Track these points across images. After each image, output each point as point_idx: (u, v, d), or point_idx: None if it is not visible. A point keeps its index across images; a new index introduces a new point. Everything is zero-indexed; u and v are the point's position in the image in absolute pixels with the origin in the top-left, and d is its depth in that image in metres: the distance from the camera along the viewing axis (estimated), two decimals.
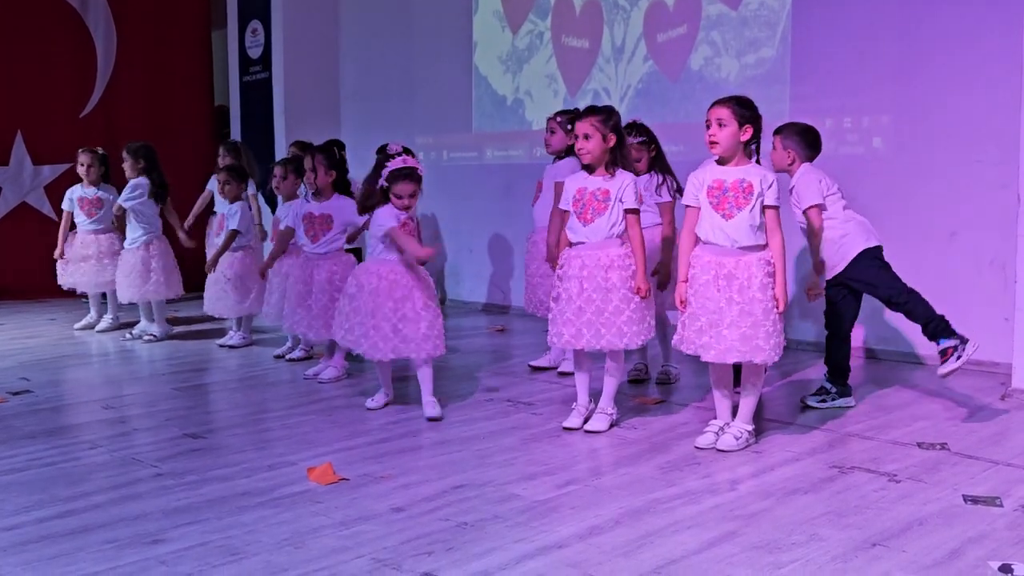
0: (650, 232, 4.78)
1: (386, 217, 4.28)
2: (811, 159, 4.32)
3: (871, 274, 4.26)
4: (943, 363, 4.06)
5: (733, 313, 3.65)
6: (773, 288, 3.66)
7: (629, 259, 3.97)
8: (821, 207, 4.22)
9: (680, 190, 4.76)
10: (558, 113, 5.31)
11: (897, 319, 5.46)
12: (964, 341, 4.06)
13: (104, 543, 2.82)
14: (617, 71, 6.97)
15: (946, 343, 4.07)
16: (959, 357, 4.03)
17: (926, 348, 5.46)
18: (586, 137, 3.98)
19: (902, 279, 4.25)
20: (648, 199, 4.72)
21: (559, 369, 5.28)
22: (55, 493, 3.29)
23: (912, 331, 5.50)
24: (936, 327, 4.12)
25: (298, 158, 5.96)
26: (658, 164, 4.81)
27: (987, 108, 5.15)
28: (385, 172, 4.26)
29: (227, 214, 6.13)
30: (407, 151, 4.34)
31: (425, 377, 4.38)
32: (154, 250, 6.51)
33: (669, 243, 4.69)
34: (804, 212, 4.24)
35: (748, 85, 5.95)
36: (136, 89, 9.23)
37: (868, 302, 4.44)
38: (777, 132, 4.36)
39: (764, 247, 3.69)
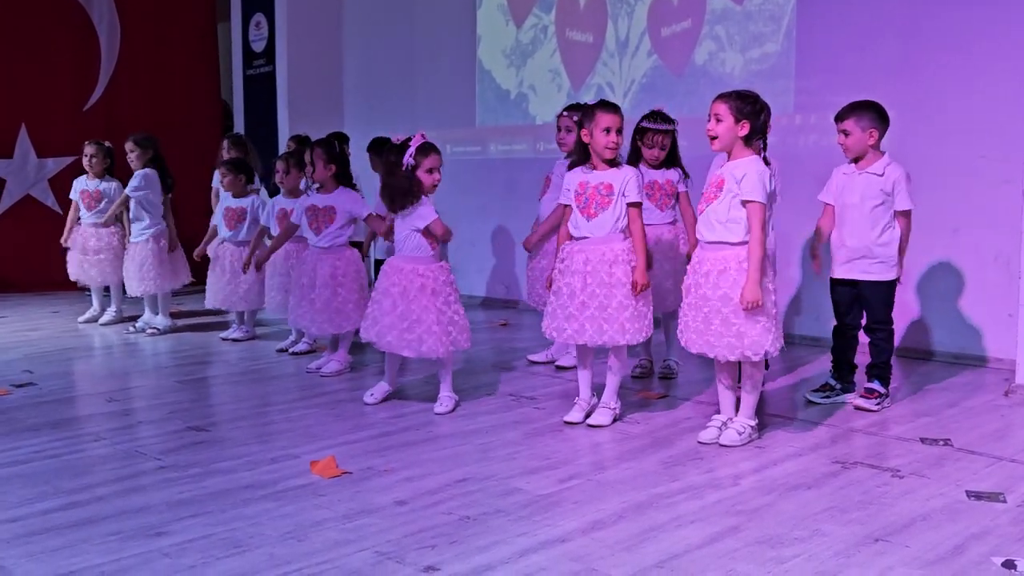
0: (657, 229, 4.77)
1: (428, 209, 4.25)
2: (885, 133, 4.27)
3: (890, 295, 4.28)
4: (863, 398, 4.30)
5: (683, 307, 3.78)
6: (730, 285, 3.61)
7: (633, 254, 3.97)
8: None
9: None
10: (568, 110, 5.10)
11: (903, 315, 5.47)
12: (888, 396, 4.36)
13: (108, 535, 2.83)
14: (621, 65, 6.96)
15: (880, 388, 4.32)
16: (879, 405, 4.28)
17: (930, 343, 5.47)
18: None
19: None
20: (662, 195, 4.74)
21: (557, 363, 5.29)
22: (59, 485, 3.30)
23: (919, 326, 5.51)
24: (885, 371, 4.35)
25: (300, 152, 5.97)
26: (675, 158, 4.78)
27: (991, 104, 5.14)
28: (411, 150, 4.20)
29: (256, 209, 6.10)
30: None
31: (442, 372, 4.39)
32: (163, 242, 6.52)
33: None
34: (900, 213, 4.19)
35: (752, 80, 5.94)
36: (140, 82, 9.23)
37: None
38: (843, 118, 4.22)
39: (739, 244, 3.64)
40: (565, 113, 5.09)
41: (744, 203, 3.61)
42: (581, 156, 4.09)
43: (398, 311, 4.22)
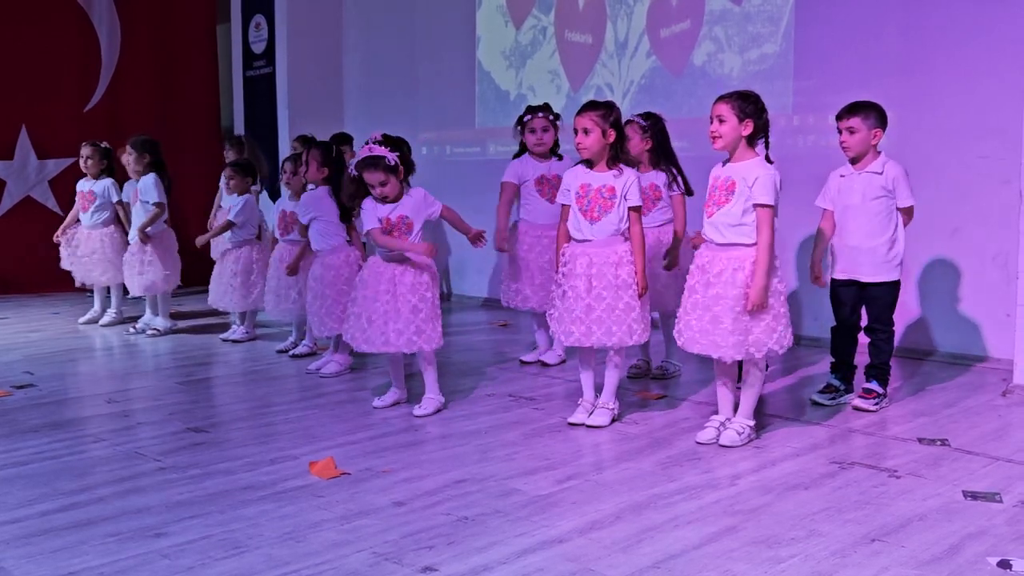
0: (658, 231, 4.75)
1: (367, 218, 4.22)
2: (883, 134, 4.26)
3: (893, 296, 4.28)
4: (861, 398, 4.30)
5: (686, 306, 3.76)
6: (734, 286, 3.62)
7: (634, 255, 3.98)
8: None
9: (685, 184, 4.75)
10: (538, 110, 5.30)
11: (902, 315, 5.48)
12: (886, 396, 4.35)
13: (107, 536, 2.84)
14: (620, 66, 6.97)
15: (878, 388, 4.32)
16: (877, 405, 4.28)
17: (928, 343, 5.48)
18: (585, 132, 3.93)
19: None
20: (664, 195, 4.73)
21: (522, 359, 5.42)
22: (58, 486, 3.31)
23: (917, 326, 5.52)
24: (884, 372, 4.34)
25: None
26: (662, 159, 4.71)
27: (990, 103, 5.14)
28: (353, 161, 4.20)
29: (231, 205, 6.19)
30: (387, 139, 4.17)
31: (426, 373, 4.38)
32: (164, 243, 6.53)
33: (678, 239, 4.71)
34: (902, 209, 4.17)
35: (751, 80, 5.94)
36: (141, 83, 9.24)
37: None
38: (848, 116, 4.17)
39: (749, 245, 3.65)
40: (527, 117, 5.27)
41: (755, 206, 3.61)
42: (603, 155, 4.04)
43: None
